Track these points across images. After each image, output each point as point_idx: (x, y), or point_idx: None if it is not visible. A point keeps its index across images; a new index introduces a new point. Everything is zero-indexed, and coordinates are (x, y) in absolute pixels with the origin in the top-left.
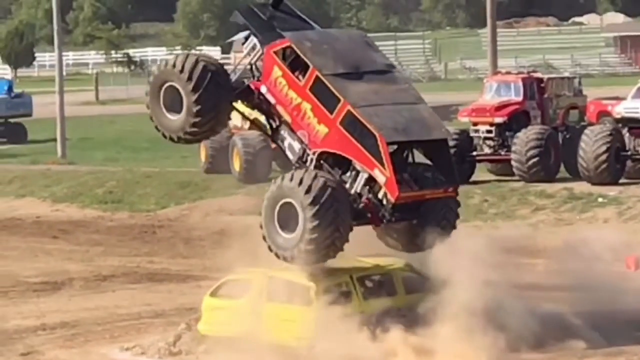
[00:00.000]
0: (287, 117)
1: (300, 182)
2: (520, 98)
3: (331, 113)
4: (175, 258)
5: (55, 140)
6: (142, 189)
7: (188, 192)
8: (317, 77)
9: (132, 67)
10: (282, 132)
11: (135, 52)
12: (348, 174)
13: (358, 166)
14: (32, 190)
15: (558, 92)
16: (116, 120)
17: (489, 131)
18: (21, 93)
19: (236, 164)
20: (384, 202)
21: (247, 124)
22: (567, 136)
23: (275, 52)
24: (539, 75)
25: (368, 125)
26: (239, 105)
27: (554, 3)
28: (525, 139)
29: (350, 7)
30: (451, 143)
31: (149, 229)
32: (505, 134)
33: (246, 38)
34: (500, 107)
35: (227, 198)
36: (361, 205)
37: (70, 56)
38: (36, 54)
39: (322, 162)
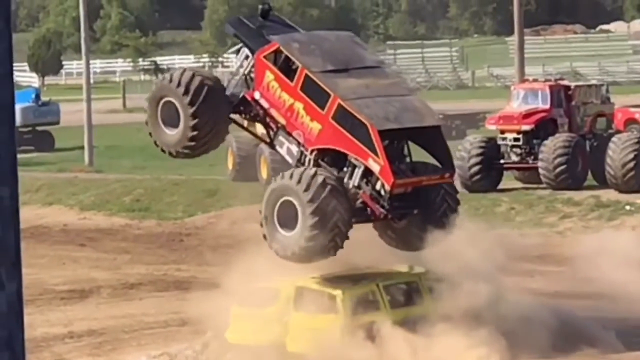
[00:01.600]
0: (281, 120)
1: (300, 180)
2: (547, 106)
3: (323, 109)
4: (202, 266)
5: (82, 148)
6: (169, 197)
7: (215, 200)
8: (306, 75)
9: (160, 74)
10: (279, 137)
11: (163, 60)
12: (345, 169)
13: (354, 160)
14: (60, 198)
15: (585, 100)
16: (143, 128)
17: (516, 139)
18: (48, 101)
19: (263, 172)
20: (382, 192)
21: None
22: (595, 144)
23: (265, 57)
24: (566, 82)
25: (359, 117)
26: (236, 117)
27: (581, 11)
28: (552, 147)
29: (378, 14)
30: (479, 151)
31: (176, 237)
32: (533, 142)
33: (238, 50)
34: (527, 115)
35: (255, 206)
36: (360, 200)
37: (97, 64)
38: (63, 62)
39: (320, 161)
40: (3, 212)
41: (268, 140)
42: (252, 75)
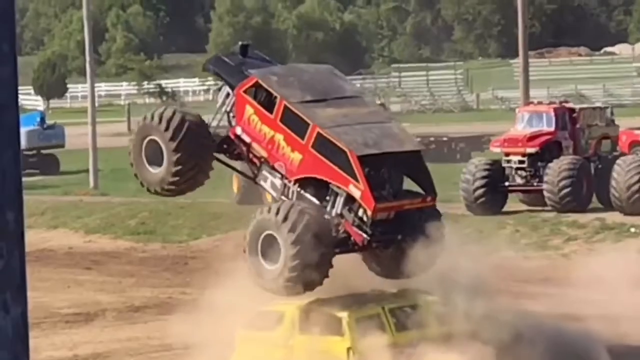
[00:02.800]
0: (263, 153)
1: (277, 212)
2: (552, 128)
3: (303, 139)
4: (207, 289)
5: (87, 171)
6: (174, 220)
7: (220, 223)
8: (285, 106)
9: (164, 98)
10: (263, 171)
11: (168, 83)
12: (328, 198)
13: (336, 188)
14: (65, 222)
15: (590, 122)
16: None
17: (521, 161)
18: (53, 124)
19: (268, 195)
20: (365, 219)
21: None
22: (599, 166)
23: (245, 92)
24: (571, 105)
25: (338, 144)
26: (220, 156)
27: (586, 33)
28: (557, 169)
29: (383, 37)
30: (483, 173)
31: (181, 260)
32: (538, 164)
33: (219, 88)
34: (532, 138)
35: None
36: (342, 230)
37: (102, 87)
38: (68, 85)
39: (303, 192)
40: (8, 235)
41: (252, 176)
42: (234, 112)
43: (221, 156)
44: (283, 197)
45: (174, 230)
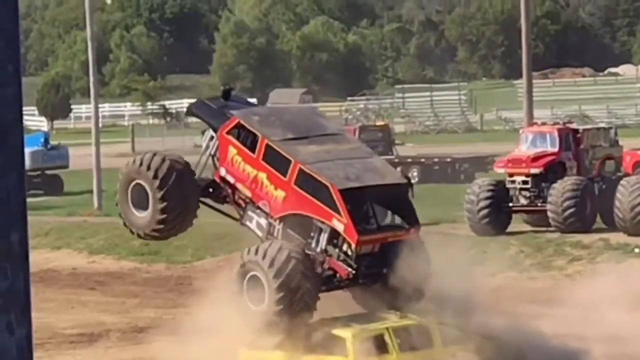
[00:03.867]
0: (247, 193)
1: (265, 256)
2: (556, 149)
3: (285, 176)
4: (211, 309)
5: (91, 192)
6: (178, 241)
7: (224, 244)
8: (267, 145)
9: (168, 118)
10: (248, 212)
11: (172, 104)
12: (312, 234)
13: (319, 224)
14: (69, 242)
15: (594, 143)
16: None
17: (525, 182)
18: (57, 145)
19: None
20: (349, 253)
21: None
22: (603, 187)
23: (228, 133)
24: (574, 126)
25: (319, 178)
26: (207, 200)
27: (590, 54)
28: (561, 190)
29: (386, 58)
30: (487, 194)
31: (185, 281)
32: (542, 185)
33: (203, 132)
34: (536, 158)
35: None
36: (327, 266)
37: (106, 108)
38: (72, 106)
39: (288, 230)
40: (13, 256)
41: (238, 217)
42: (218, 154)
43: (208, 200)
44: (269, 237)
45: (178, 251)
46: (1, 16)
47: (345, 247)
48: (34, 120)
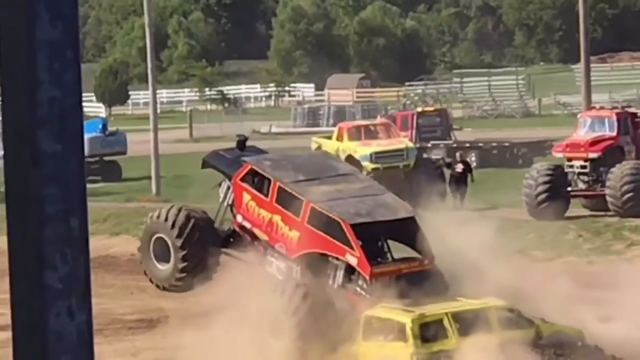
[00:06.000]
0: (264, 237)
1: (283, 292)
2: (614, 133)
3: (298, 216)
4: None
5: (149, 177)
6: None
7: None
8: (279, 187)
9: (226, 104)
10: (267, 257)
11: (229, 90)
12: (328, 272)
13: (334, 261)
14: (127, 228)
15: None
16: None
17: (583, 166)
18: (115, 131)
19: None
20: (365, 286)
21: None
22: None
23: (241, 179)
24: (633, 110)
25: (331, 216)
26: (229, 250)
27: None
28: (619, 174)
29: (444, 43)
30: (546, 179)
31: None
32: (600, 169)
33: (220, 184)
34: (594, 143)
35: None
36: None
37: (164, 94)
38: (130, 92)
39: (305, 270)
40: (73, 242)
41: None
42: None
43: (230, 250)
44: (289, 279)
45: None
46: (60, 2)
47: (361, 282)
48: (92, 106)
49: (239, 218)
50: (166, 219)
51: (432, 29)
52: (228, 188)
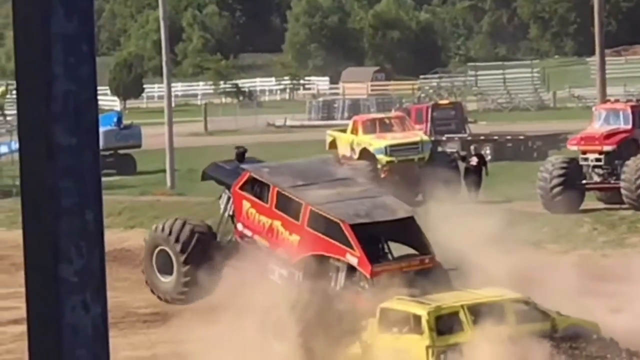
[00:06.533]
0: (265, 243)
1: (170, 232)
2: (629, 126)
3: (298, 220)
4: None
5: (164, 171)
6: None
7: None
8: (278, 192)
9: (241, 97)
10: (270, 265)
11: (244, 83)
12: (330, 274)
13: (335, 263)
14: (142, 222)
15: None
16: (225, 151)
17: (598, 159)
18: (130, 124)
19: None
20: (366, 287)
21: (357, 154)
22: None
23: (241, 188)
24: None
25: (331, 217)
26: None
27: None
28: (634, 167)
29: (459, 36)
30: (560, 172)
31: None
32: (615, 162)
33: (219, 197)
34: (609, 136)
35: None
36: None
37: (179, 87)
38: (145, 86)
39: (307, 275)
40: (88, 235)
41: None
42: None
43: (232, 261)
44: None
45: None
46: None
47: (362, 282)
48: (106, 100)
49: (240, 226)
50: (170, 233)
51: (447, 21)
52: (228, 199)
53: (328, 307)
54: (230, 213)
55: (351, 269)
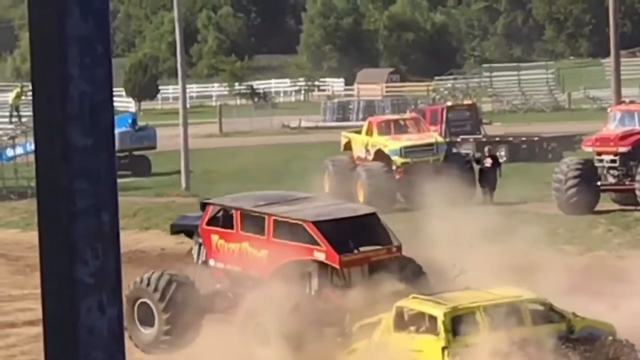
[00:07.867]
0: (237, 269)
1: (149, 282)
2: None
3: (263, 234)
4: None
5: (179, 172)
6: None
7: None
8: (241, 213)
9: (256, 99)
10: (242, 288)
11: (259, 84)
12: (303, 281)
13: (306, 269)
14: (157, 223)
15: None
16: (240, 152)
17: (613, 161)
18: (145, 126)
19: (360, 195)
20: (340, 283)
21: (371, 155)
22: None
23: (207, 224)
24: None
25: (293, 221)
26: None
27: None
28: None
29: (473, 37)
30: (575, 173)
31: None
32: (630, 164)
33: (191, 249)
34: (624, 137)
35: None
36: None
37: (193, 88)
38: (160, 87)
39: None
40: (104, 237)
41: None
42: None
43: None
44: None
45: None
46: None
47: (335, 279)
48: (121, 101)
49: (212, 262)
50: (148, 284)
51: (462, 23)
52: (200, 246)
53: (307, 312)
54: (203, 259)
55: (323, 271)
